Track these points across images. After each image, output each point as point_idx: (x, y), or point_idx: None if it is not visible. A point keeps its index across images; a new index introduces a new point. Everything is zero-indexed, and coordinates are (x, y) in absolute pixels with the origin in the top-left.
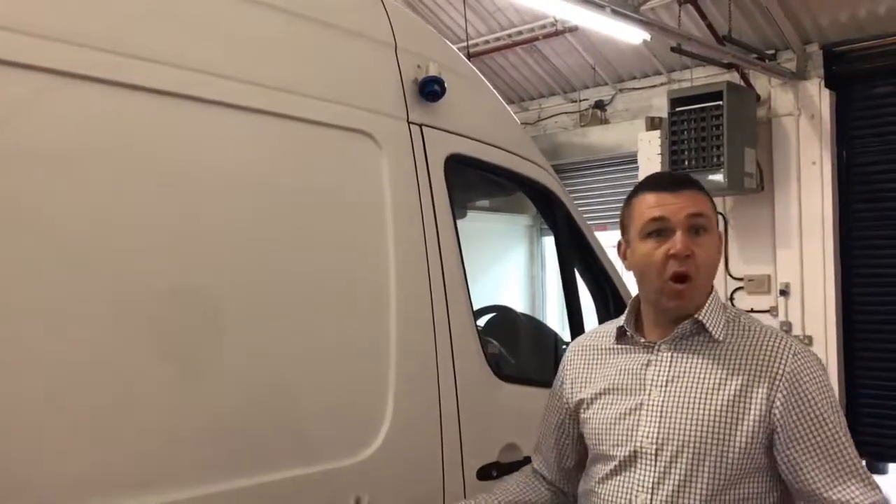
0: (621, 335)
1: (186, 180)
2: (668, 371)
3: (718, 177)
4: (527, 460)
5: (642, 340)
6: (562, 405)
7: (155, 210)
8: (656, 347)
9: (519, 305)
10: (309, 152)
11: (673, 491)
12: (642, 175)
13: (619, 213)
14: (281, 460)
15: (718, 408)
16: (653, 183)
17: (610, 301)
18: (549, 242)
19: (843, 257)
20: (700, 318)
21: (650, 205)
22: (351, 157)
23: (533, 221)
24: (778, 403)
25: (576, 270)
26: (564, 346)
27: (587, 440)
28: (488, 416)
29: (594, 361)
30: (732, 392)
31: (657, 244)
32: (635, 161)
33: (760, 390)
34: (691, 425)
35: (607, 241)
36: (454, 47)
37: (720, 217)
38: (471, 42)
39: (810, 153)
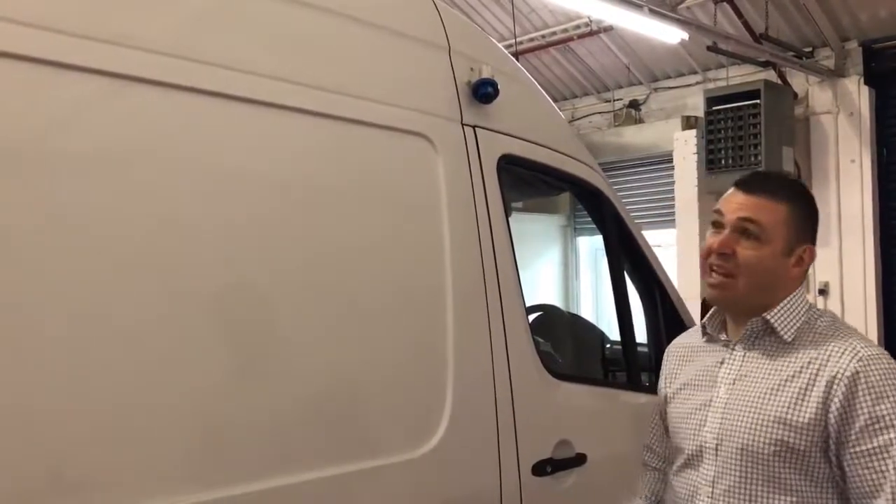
0: (706, 333)
1: (246, 182)
2: (739, 369)
3: None
4: (579, 457)
5: (722, 338)
6: (660, 402)
7: (214, 211)
8: (732, 346)
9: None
10: (367, 155)
11: (729, 487)
12: (678, 175)
13: (654, 212)
14: (343, 455)
15: (777, 409)
16: (741, 180)
17: (658, 302)
18: (582, 243)
19: (884, 256)
20: (767, 317)
21: (723, 198)
22: (408, 158)
23: (567, 221)
24: (833, 408)
25: (625, 270)
26: (610, 345)
27: (669, 432)
28: (542, 412)
29: (684, 358)
30: (792, 394)
31: (712, 235)
32: (670, 160)
33: (818, 393)
34: (750, 424)
35: None
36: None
37: None
38: (505, 43)
39: (849, 151)
